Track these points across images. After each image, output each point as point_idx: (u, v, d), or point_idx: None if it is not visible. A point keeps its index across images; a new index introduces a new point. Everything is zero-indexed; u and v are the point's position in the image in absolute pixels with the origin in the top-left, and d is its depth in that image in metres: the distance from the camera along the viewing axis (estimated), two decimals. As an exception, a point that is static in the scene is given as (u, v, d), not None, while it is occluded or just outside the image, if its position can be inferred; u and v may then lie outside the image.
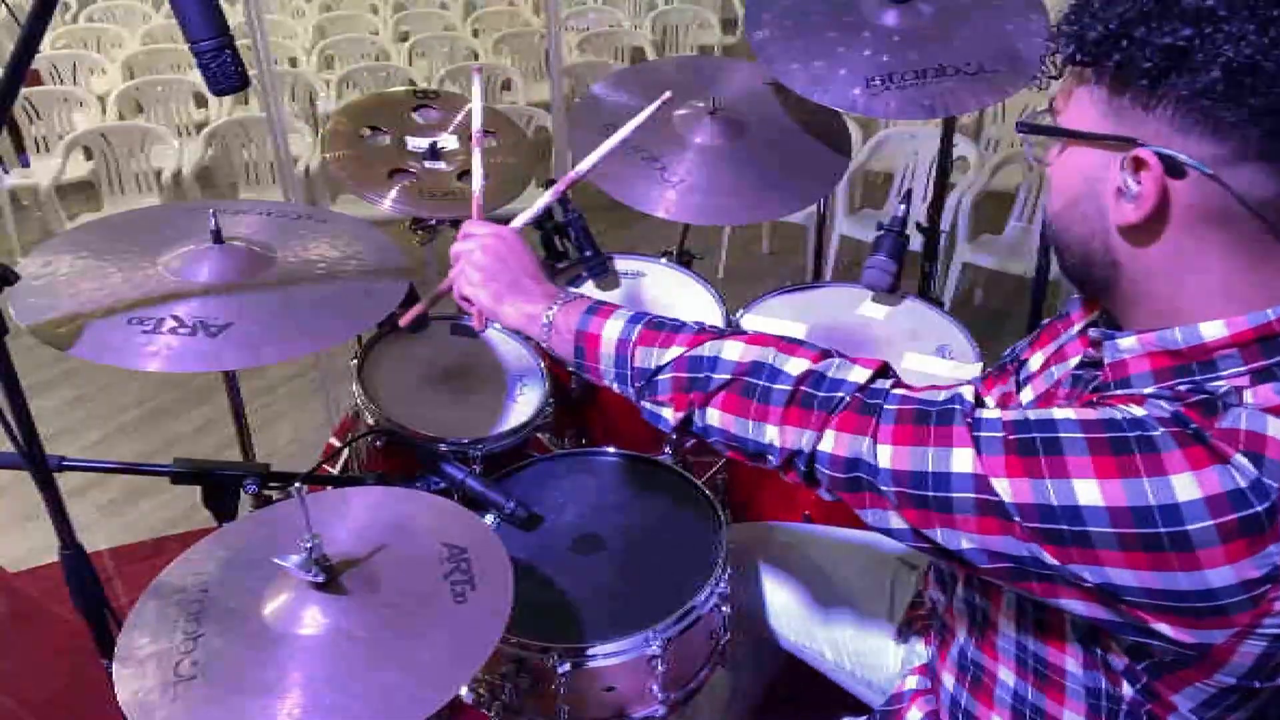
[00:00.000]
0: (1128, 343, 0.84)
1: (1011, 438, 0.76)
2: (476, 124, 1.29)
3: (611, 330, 1.02)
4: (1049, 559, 0.75)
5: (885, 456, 0.81)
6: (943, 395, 0.84)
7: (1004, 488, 0.75)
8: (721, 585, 1.30)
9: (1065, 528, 0.74)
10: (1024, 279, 3.08)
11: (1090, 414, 0.76)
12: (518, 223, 1.23)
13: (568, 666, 1.20)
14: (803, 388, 0.89)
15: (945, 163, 2.14)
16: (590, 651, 1.22)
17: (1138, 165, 0.77)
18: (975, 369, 1.72)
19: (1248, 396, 0.75)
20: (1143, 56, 0.74)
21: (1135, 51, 0.75)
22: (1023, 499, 0.75)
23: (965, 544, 0.79)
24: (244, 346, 1.19)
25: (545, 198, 1.32)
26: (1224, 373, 0.78)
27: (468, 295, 1.14)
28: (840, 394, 0.86)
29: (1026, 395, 1.02)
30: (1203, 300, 0.79)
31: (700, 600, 1.27)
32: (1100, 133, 0.80)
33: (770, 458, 0.92)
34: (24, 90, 1.69)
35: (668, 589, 1.28)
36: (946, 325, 1.85)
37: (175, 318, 1.20)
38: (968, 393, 0.83)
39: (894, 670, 1.28)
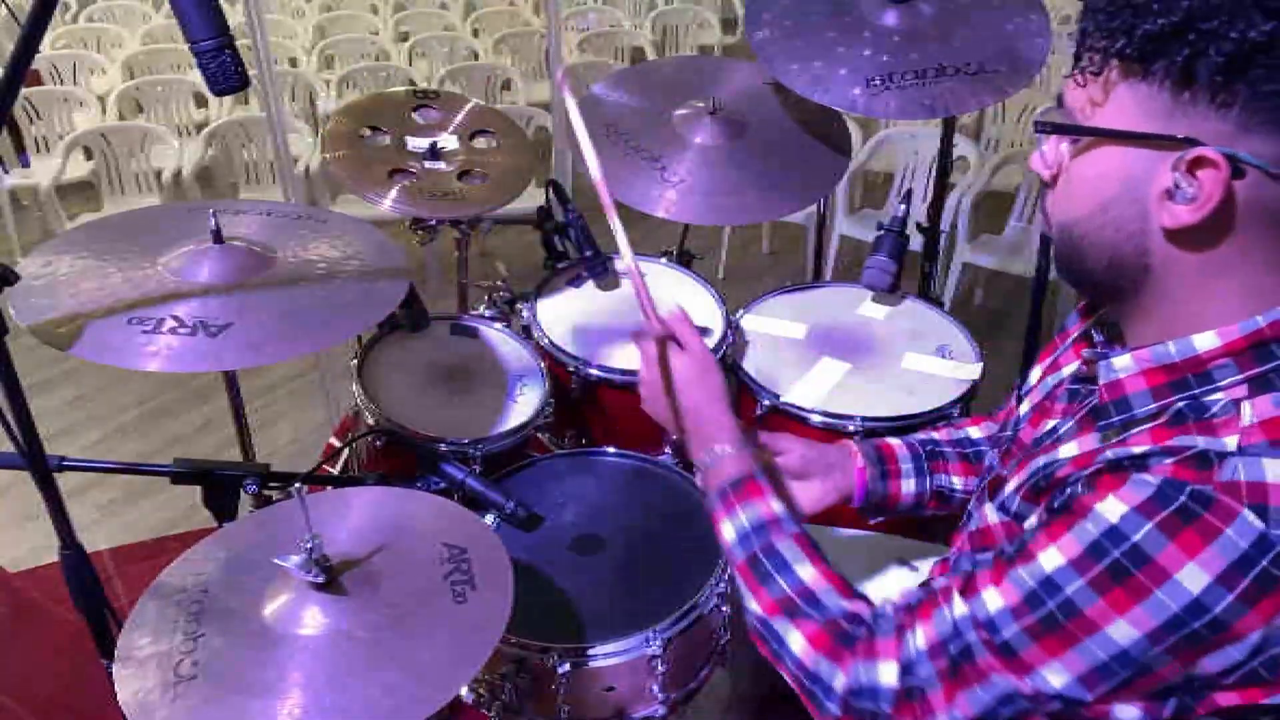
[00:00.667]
0: (1122, 362, 0.82)
1: (1030, 621, 0.75)
2: (595, 169, 1.05)
3: (727, 533, 1.00)
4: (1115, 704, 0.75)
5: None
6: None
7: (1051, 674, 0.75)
8: (722, 585, 1.30)
9: (1122, 673, 0.73)
10: (1024, 279, 3.08)
11: (1073, 547, 0.74)
12: (624, 252, 1.09)
13: (568, 666, 1.20)
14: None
15: (945, 163, 2.14)
16: (590, 651, 1.22)
17: (1196, 165, 0.73)
18: (975, 369, 1.72)
19: (1246, 409, 0.74)
20: (1217, 51, 0.69)
21: (1206, 45, 0.70)
22: (1075, 671, 0.74)
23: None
24: (244, 346, 1.19)
25: (616, 225, 1.09)
26: (1221, 383, 0.76)
27: (645, 409, 1.14)
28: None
29: (1024, 408, 1.01)
30: (1226, 303, 0.77)
31: (701, 600, 1.27)
32: (1153, 133, 0.75)
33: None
34: (24, 90, 1.69)
35: (668, 589, 1.28)
36: (946, 325, 1.85)
37: (175, 318, 1.20)
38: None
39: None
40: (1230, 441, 0.72)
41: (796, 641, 0.89)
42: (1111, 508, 0.73)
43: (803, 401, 1.64)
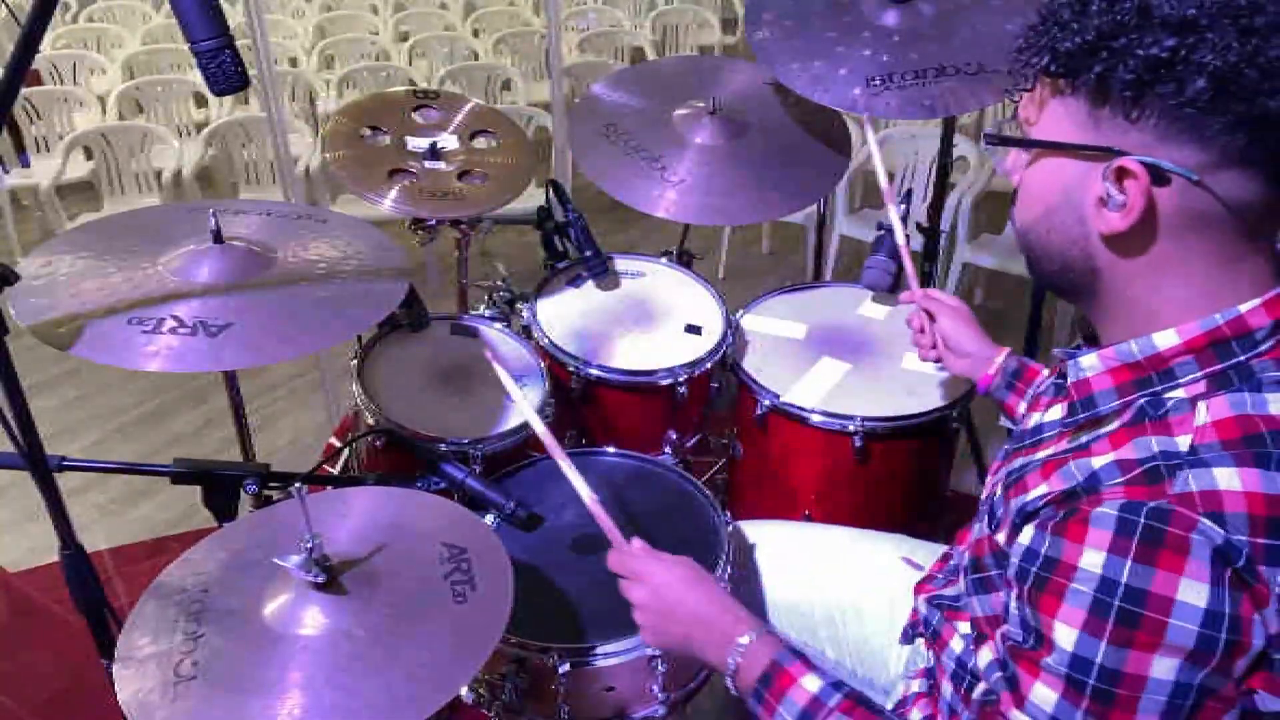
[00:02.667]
0: (1088, 361, 0.85)
1: (1086, 703, 0.75)
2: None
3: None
4: None
5: None
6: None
7: None
8: (722, 585, 1.30)
9: (1187, 703, 0.73)
10: (1024, 279, 3.08)
11: (1078, 615, 0.74)
12: (581, 491, 1.15)
13: (568, 666, 1.20)
14: None
15: (945, 163, 2.14)
16: (590, 651, 1.22)
17: (1122, 175, 0.77)
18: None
19: (1201, 409, 0.75)
20: (1125, 68, 0.74)
21: (1116, 63, 0.74)
22: None
23: None
24: (244, 346, 1.19)
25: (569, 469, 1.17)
26: (1182, 380, 0.78)
27: (646, 640, 1.12)
28: None
29: (1022, 407, 1.02)
30: (1180, 302, 0.80)
31: (700, 600, 1.26)
32: (1080, 144, 0.79)
33: None
34: (24, 90, 1.69)
35: (668, 589, 1.28)
36: (946, 325, 1.85)
37: (175, 317, 1.20)
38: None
39: (896, 671, 1.28)
40: (1183, 441, 0.75)
41: None
42: (1089, 558, 0.74)
43: (803, 401, 1.64)
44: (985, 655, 0.94)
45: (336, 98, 4.53)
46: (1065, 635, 0.75)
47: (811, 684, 0.96)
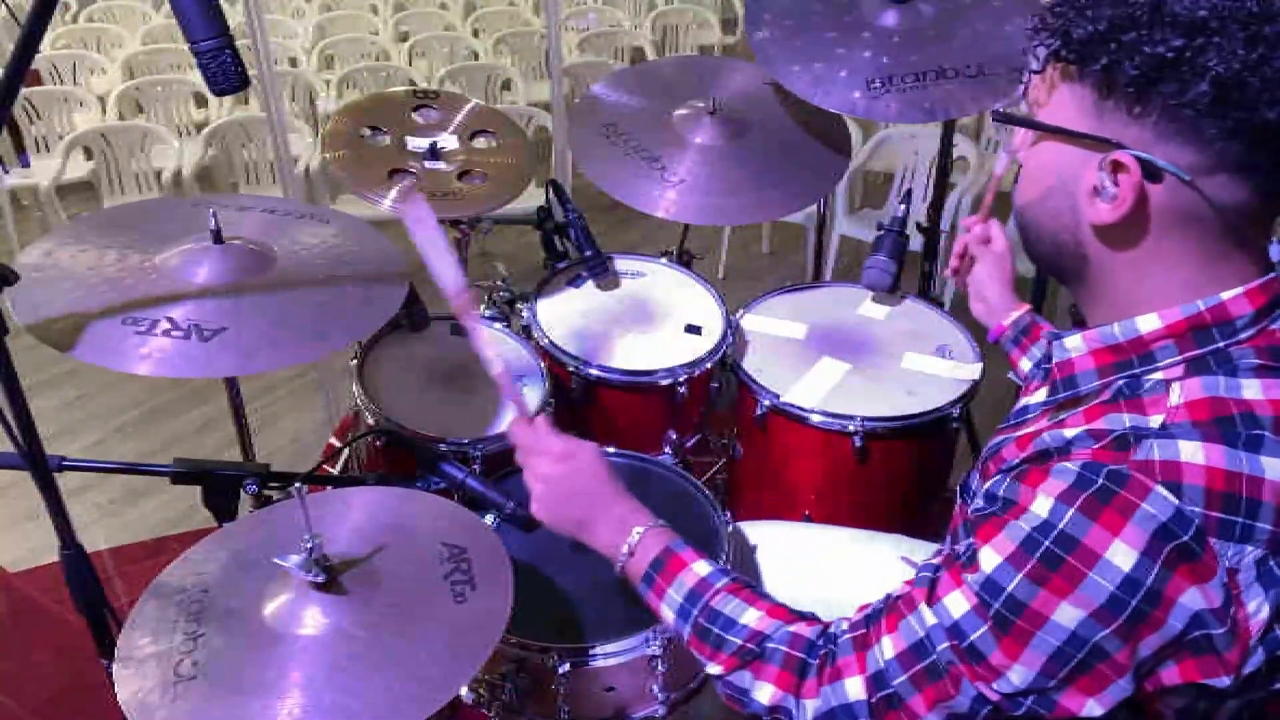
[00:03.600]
0: (1073, 342, 0.86)
1: (989, 622, 0.77)
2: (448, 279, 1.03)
3: (667, 615, 0.97)
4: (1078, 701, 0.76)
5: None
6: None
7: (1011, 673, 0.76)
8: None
9: (1076, 655, 0.74)
10: (1024, 279, 3.07)
11: (1007, 545, 0.76)
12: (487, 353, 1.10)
13: (568, 666, 1.20)
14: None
15: (945, 163, 2.14)
16: (590, 651, 1.22)
17: (1116, 167, 0.78)
18: (975, 369, 1.72)
19: (1175, 390, 0.77)
20: (1131, 63, 0.74)
21: (1124, 56, 0.75)
22: (1035, 665, 0.75)
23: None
24: (237, 353, 1.18)
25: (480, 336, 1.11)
26: (1161, 363, 0.80)
27: (539, 516, 1.07)
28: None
29: (1025, 363, 1.15)
30: (1162, 295, 0.81)
31: (700, 600, 1.26)
32: (1081, 131, 0.80)
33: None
34: (24, 90, 1.69)
35: (668, 589, 1.28)
36: (946, 325, 1.85)
37: (170, 320, 1.19)
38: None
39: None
40: (1155, 420, 0.76)
41: (762, 690, 0.88)
42: (1039, 503, 0.76)
43: (803, 401, 1.64)
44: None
45: (336, 98, 4.53)
46: (989, 559, 0.77)
47: (702, 568, 0.96)
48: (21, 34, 0.91)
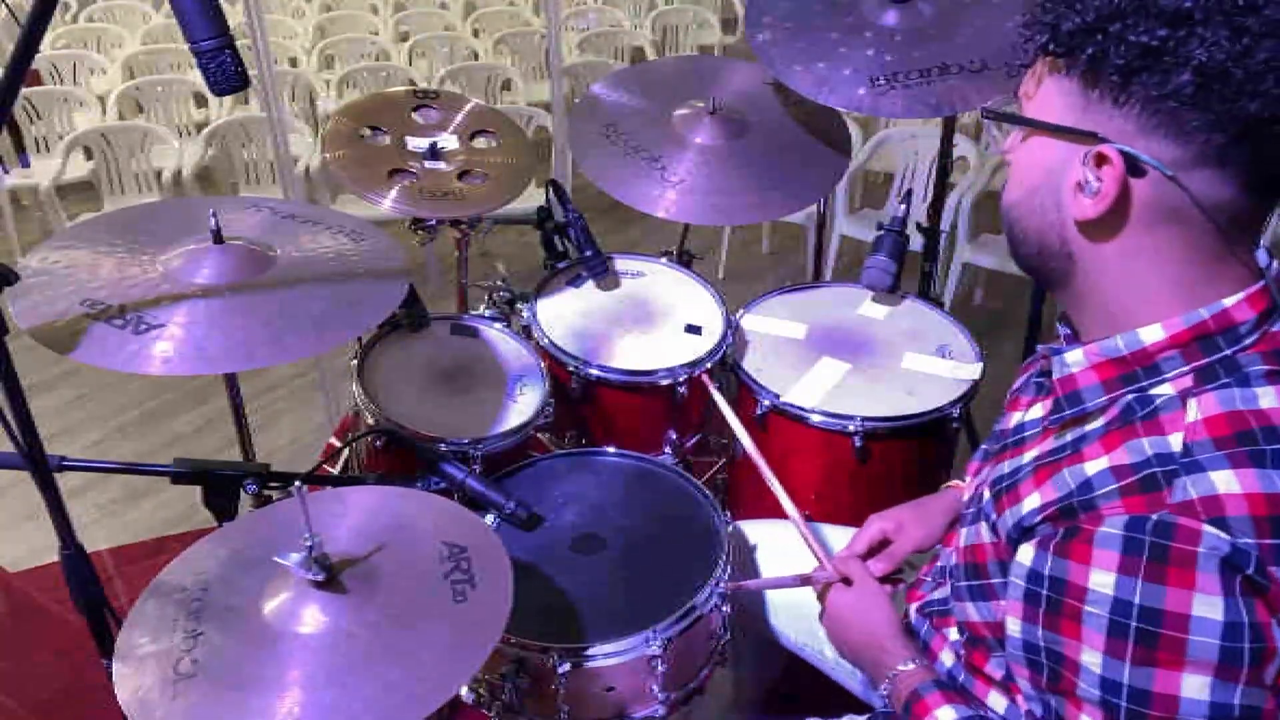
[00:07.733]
0: (1073, 357, 0.85)
1: None
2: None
3: None
4: None
5: None
6: None
7: None
8: (722, 585, 1.30)
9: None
10: (1024, 279, 3.07)
11: (1097, 638, 0.74)
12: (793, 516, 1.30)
13: (568, 666, 1.20)
14: None
15: (945, 163, 2.14)
16: (590, 651, 1.22)
17: (1100, 161, 0.77)
18: (975, 369, 1.72)
19: (1192, 406, 0.75)
20: (1116, 53, 0.74)
21: (1109, 46, 0.74)
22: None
23: None
24: (238, 352, 1.17)
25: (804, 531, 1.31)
26: (1168, 375, 0.78)
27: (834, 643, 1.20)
28: None
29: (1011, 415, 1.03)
30: (1152, 298, 0.80)
31: (700, 600, 1.27)
32: (1065, 125, 0.80)
33: None
34: (24, 90, 1.69)
35: (668, 589, 1.28)
36: (946, 325, 1.85)
37: (170, 321, 1.19)
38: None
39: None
40: (1175, 440, 0.74)
41: None
42: (1098, 579, 0.73)
43: (803, 401, 1.64)
44: (980, 660, 0.94)
45: (336, 98, 4.52)
46: (1089, 658, 0.75)
47: (946, 715, 0.98)
48: (21, 34, 0.91)
